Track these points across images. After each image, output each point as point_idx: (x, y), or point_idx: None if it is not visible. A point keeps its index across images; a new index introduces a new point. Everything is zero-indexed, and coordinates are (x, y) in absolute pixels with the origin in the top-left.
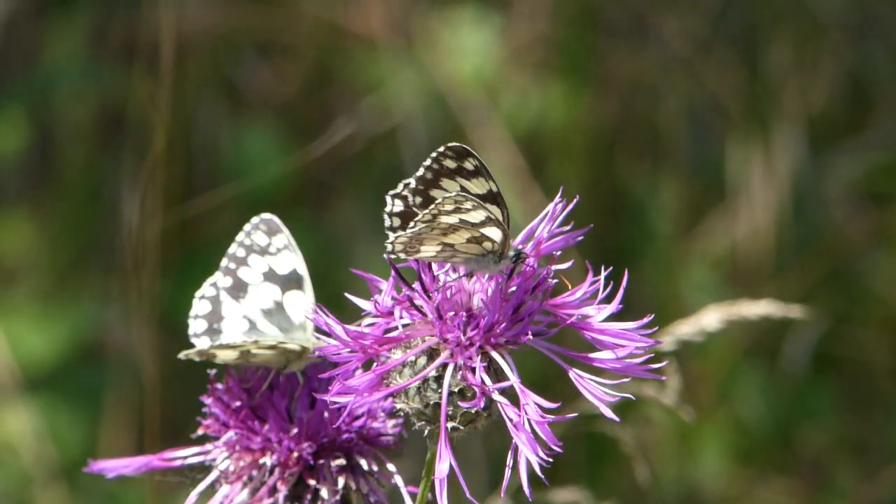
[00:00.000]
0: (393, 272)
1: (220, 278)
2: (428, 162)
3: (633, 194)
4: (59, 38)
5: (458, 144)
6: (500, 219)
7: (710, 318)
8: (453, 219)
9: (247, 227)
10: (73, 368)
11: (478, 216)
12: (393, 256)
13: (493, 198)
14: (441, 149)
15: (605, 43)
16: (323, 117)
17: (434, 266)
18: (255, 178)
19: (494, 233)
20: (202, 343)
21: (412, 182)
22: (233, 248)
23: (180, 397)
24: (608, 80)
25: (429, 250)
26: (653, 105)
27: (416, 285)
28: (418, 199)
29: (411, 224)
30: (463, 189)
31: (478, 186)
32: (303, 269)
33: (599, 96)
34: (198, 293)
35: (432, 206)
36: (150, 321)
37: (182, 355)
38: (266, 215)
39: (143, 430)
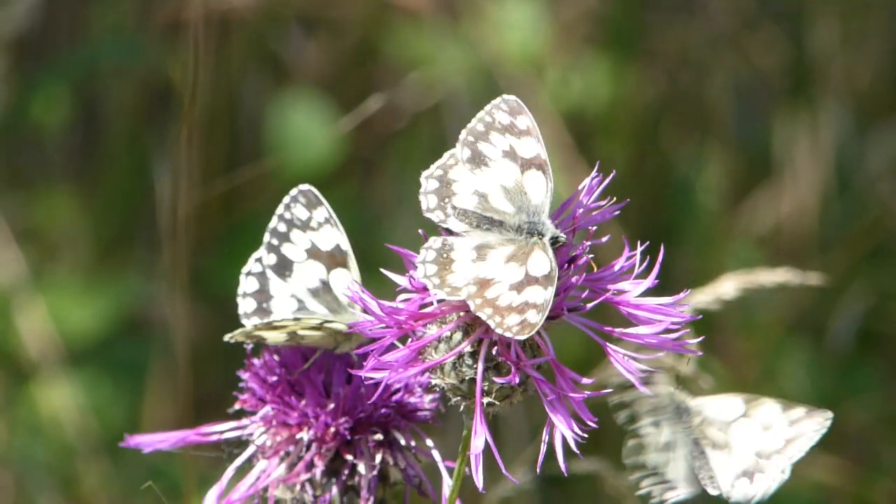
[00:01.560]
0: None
1: (264, 255)
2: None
3: (679, 170)
4: (103, 12)
5: (511, 98)
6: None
7: (727, 287)
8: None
9: (286, 199)
10: (116, 342)
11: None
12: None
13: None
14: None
15: (651, 18)
16: (368, 92)
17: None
18: (297, 150)
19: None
20: (251, 323)
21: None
22: (273, 223)
23: (223, 372)
24: (655, 55)
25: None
26: (699, 81)
27: None
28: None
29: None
30: (511, 148)
31: (526, 149)
32: (346, 245)
33: (646, 72)
34: (244, 269)
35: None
36: (184, 294)
37: (228, 337)
38: (304, 186)
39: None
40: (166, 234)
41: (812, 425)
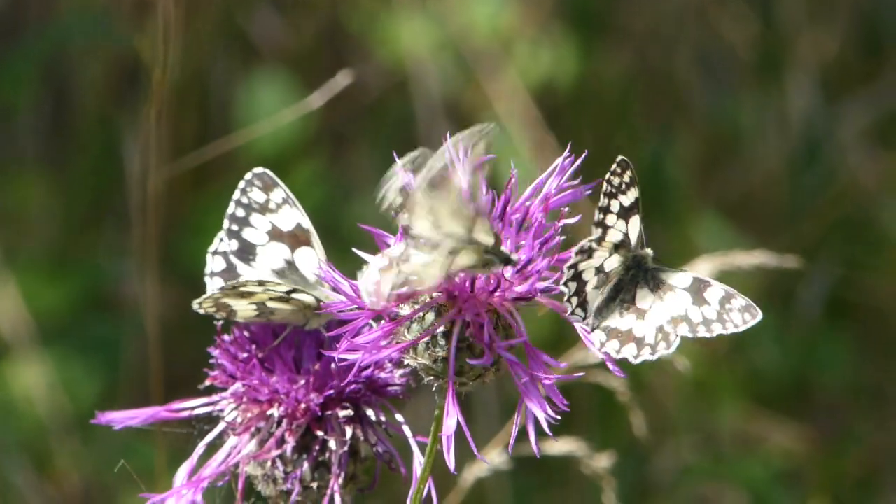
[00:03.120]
0: (401, 227)
1: (226, 241)
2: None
3: (648, 144)
4: None
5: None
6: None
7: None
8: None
9: (241, 184)
10: (86, 321)
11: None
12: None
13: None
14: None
15: None
16: (336, 70)
17: None
18: (263, 126)
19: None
20: (220, 315)
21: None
22: (231, 208)
23: (193, 350)
24: (623, 30)
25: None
26: (667, 55)
27: None
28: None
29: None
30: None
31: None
32: (307, 223)
33: (613, 47)
34: (210, 249)
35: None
36: (154, 271)
37: (196, 304)
38: (258, 169)
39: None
40: (136, 212)
41: (738, 318)
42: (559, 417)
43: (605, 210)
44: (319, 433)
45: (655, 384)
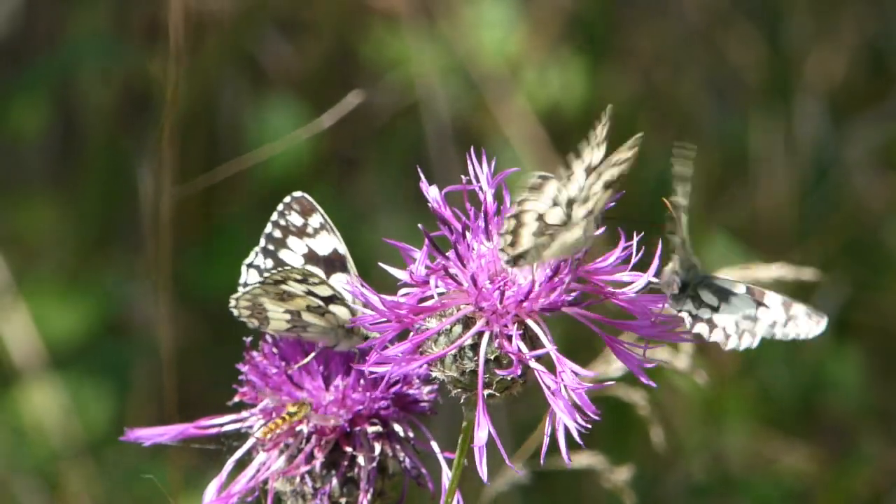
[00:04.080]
0: (426, 241)
1: (261, 257)
2: None
3: (655, 166)
4: (82, 17)
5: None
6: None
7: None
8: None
9: (280, 206)
10: (98, 345)
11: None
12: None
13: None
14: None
15: (625, 16)
16: (345, 93)
17: (468, 234)
18: (273, 149)
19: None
20: (252, 322)
21: None
22: (269, 228)
23: (204, 373)
24: (629, 53)
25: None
26: (674, 78)
27: (451, 254)
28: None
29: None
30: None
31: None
32: (343, 249)
33: (620, 70)
34: (245, 261)
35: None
36: (167, 291)
37: (232, 299)
38: (297, 194)
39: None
40: (148, 233)
41: (805, 322)
42: (590, 426)
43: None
44: (348, 449)
45: (665, 403)
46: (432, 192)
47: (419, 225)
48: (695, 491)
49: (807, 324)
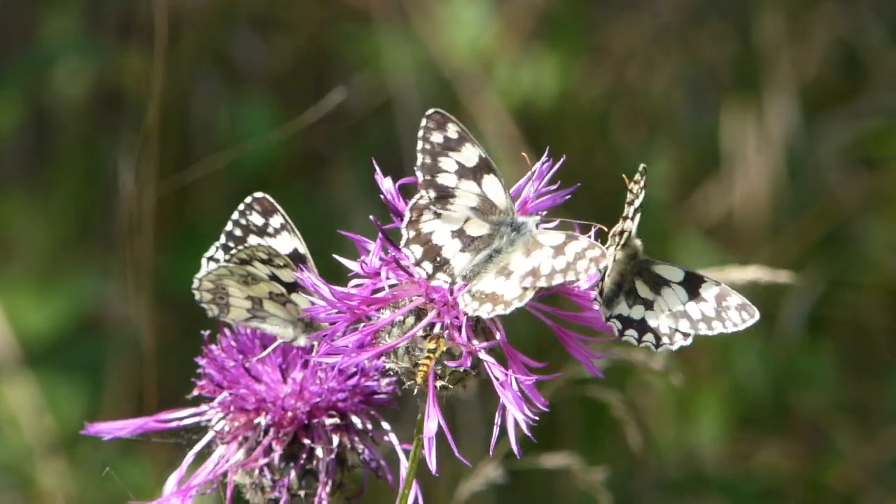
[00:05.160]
0: (380, 234)
1: (221, 255)
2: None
3: (628, 163)
4: (55, 14)
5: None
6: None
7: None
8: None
9: (241, 206)
10: (72, 342)
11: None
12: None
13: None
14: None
15: (598, 13)
16: (318, 91)
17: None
18: (248, 147)
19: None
20: (212, 309)
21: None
22: (229, 227)
23: (178, 368)
24: (602, 50)
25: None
26: (647, 75)
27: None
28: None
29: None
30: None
31: (469, 157)
32: (304, 249)
33: (593, 66)
34: (206, 254)
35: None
36: (145, 289)
37: (196, 278)
38: (258, 194)
39: (142, 401)
40: (126, 230)
41: (735, 316)
42: (538, 418)
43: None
44: (306, 441)
45: (639, 401)
46: (386, 184)
47: (371, 217)
48: (669, 488)
49: (737, 317)
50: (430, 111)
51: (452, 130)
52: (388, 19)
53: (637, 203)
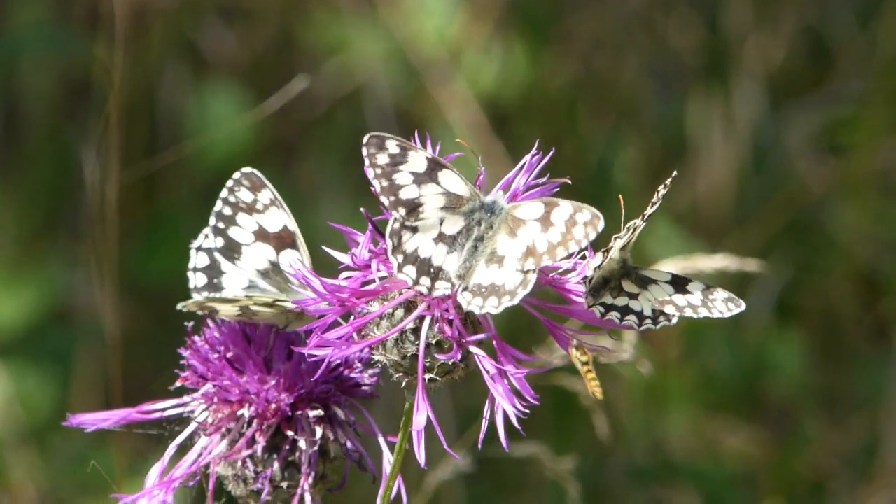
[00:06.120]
0: (370, 225)
1: (211, 238)
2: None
3: (596, 151)
4: (23, 5)
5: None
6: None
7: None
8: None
9: (229, 182)
10: (41, 333)
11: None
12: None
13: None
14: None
15: (565, 1)
16: (286, 80)
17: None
18: (215, 135)
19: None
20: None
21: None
22: (218, 206)
23: (146, 361)
24: (569, 38)
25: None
26: (614, 63)
27: None
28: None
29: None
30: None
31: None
32: (293, 225)
33: (561, 54)
34: (194, 244)
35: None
36: (110, 278)
37: (181, 306)
38: (247, 169)
39: (109, 391)
40: (93, 220)
41: (722, 305)
42: (528, 412)
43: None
44: (289, 433)
45: (608, 389)
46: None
47: (361, 209)
48: (638, 476)
49: (723, 307)
50: (366, 137)
51: (393, 146)
52: (356, 8)
53: (653, 209)
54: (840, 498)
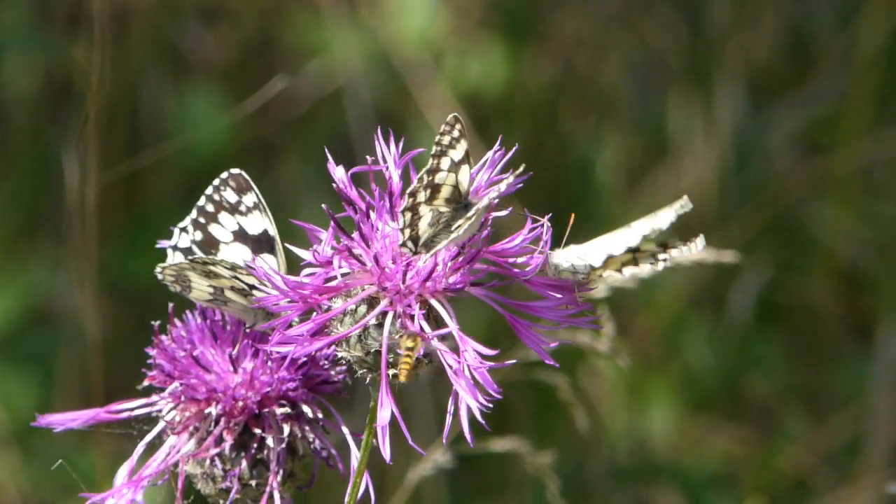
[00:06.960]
0: (332, 222)
1: (190, 229)
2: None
3: (577, 151)
4: (4, 7)
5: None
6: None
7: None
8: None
9: (216, 181)
10: (23, 334)
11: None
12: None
13: None
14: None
15: (546, 1)
16: (267, 81)
17: (373, 215)
18: (195, 136)
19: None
20: (175, 288)
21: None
22: (202, 202)
23: (130, 358)
24: (550, 38)
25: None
26: (595, 62)
27: (356, 234)
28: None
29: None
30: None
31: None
32: (273, 231)
33: (542, 54)
34: (179, 224)
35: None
36: (90, 279)
37: (159, 266)
38: (235, 171)
39: (91, 393)
40: (73, 221)
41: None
42: (491, 405)
43: None
44: (257, 431)
45: (589, 388)
46: (338, 173)
47: (323, 205)
48: (620, 475)
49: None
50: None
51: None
52: (336, 8)
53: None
54: (822, 496)
